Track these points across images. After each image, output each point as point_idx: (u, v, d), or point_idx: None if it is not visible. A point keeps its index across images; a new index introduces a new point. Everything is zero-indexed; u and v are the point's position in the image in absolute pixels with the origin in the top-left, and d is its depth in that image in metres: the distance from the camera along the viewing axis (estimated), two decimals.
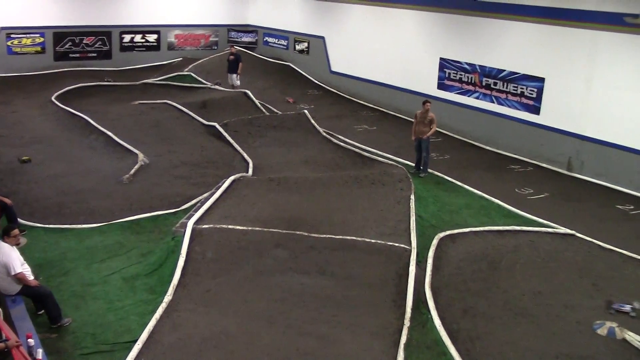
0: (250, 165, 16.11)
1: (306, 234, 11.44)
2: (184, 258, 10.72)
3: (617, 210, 15.02)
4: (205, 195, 13.43)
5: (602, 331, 9.72)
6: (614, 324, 9.77)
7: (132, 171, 15.24)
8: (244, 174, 15.19)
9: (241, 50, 27.42)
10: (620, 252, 12.48)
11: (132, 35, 28.47)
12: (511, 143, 19.08)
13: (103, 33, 27.74)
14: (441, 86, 21.41)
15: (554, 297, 10.72)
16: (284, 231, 11.51)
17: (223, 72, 24.34)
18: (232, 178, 14.14)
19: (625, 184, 16.30)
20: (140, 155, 16.08)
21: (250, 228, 11.56)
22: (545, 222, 13.56)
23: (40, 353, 7.56)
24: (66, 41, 27.02)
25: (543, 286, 11.03)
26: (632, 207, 15.22)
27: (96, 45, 27.74)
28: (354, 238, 11.37)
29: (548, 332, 9.69)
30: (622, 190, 16.18)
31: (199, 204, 12.82)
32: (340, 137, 19.15)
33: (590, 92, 17.02)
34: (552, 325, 9.86)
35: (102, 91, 23.19)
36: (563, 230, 13.16)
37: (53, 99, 21.48)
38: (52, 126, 19.28)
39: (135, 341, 8.66)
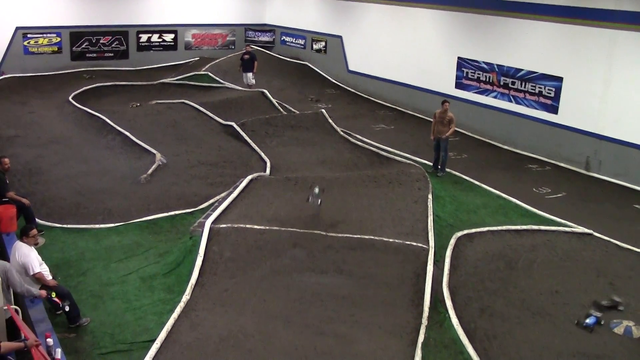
0: (268, 164, 16.16)
1: (324, 233, 11.48)
2: (202, 257, 10.78)
3: (635, 210, 14.90)
4: (223, 194, 13.51)
5: (619, 330, 9.71)
6: (631, 323, 9.76)
7: (150, 171, 15.34)
8: (262, 173, 15.24)
9: (258, 49, 27.55)
10: (638, 252, 12.40)
11: (149, 35, 28.65)
12: (529, 142, 18.99)
13: (120, 33, 27.93)
14: (459, 85, 21.35)
15: (571, 296, 10.68)
16: (301, 230, 11.54)
17: (238, 72, 24.42)
18: (249, 177, 14.20)
19: None
20: (158, 155, 16.19)
21: (267, 227, 11.61)
22: (562, 221, 13.50)
23: (59, 353, 7.63)
24: (83, 41, 27.22)
25: (560, 285, 10.99)
26: None
27: (113, 45, 27.93)
28: (372, 237, 11.39)
29: (565, 331, 9.65)
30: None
31: (216, 204, 12.90)
32: (357, 136, 19.16)
33: (609, 91, 16.89)
34: (569, 325, 9.82)
35: (119, 91, 23.39)
36: (580, 229, 13.09)
37: (70, 99, 21.63)
38: (69, 126, 19.44)
39: (153, 340, 8.73)
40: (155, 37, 28.79)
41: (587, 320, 9.41)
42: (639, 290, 10.99)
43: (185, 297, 9.85)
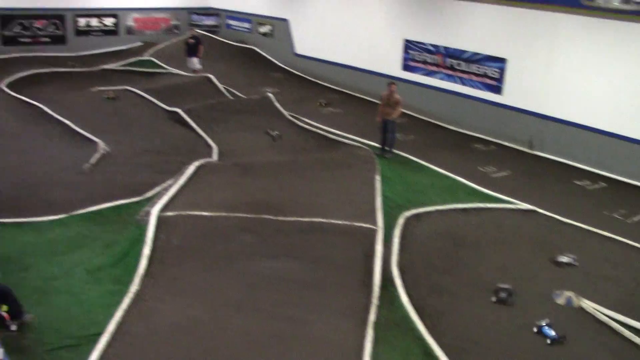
0: (215, 150, 16.00)
1: (273, 217, 11.43)
2: (150, 247, 10.60)
3: (575, 186, 15.37)
4: (169, 182, 13.30)
5: (561, 301, 10.03)
6: (571, 293, 10.09)
7: (93, 160, 14.96)
8: (209, 159, 15.09)
9: (203, 33, 27.12)
10: (579, 226, 12.82)
11: (88, 19, 27.73)
12: (475, 123, 19.26)
13: (56, 16, 26.89)
14: (406, 67, 21.48)
15: (517, 271, 10.94)
16: (251, 216, 11.47)
17: (182, 57, 24.04)
18: (196, 164, 14.03)
19: (583, 161, 16.67)
20: (101, 144, 15.82)
21: (216, 214, 11.50)
22: (507, 199, 13.79)
23: (1, 352, 7.38)
24: (15, 24, 26.09)
25: (506, 261, 11.27)
26: (589, 182, 15.62)
27: (49, 30, 26.96)
28: (321, 220, 11.39)
29: (517, 307, 9.87)
30: (580, 167, 16.58)
31: (163, 192, 12.70)
32: (305, 120, 19.12)
33: (551, 72, 17.25)
34: (515, 298, 10.05)
35: (57, 78, 22.50)
36: (525, 206, 13.40)
37: (3, 86, 20.78)
38: (4, 115, 18.51)
39: (102, 333, 8.51)
40: (94, 22, 27.90)
41: (550, 333, 9.07)
42: (577, 262, 11.32)
43: (134, 288, 9.68)
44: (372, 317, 9.12)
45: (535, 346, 8.94)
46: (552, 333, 8.99)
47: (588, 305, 9.89)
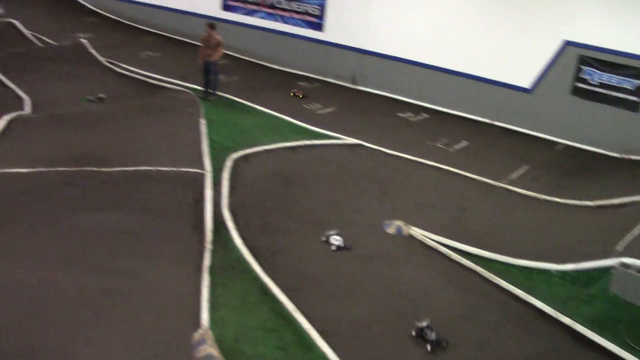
0: (28, 102, 14.92)
1: (96, 169, 10.95)
2: None
3: (398, 119, 16.05)
4: None
5: (391, 230, 10.50)
6: (401, 222, 10.57)
7: None
8: (21, 112, 14.06)
9: None
10: (404, 157, 13.43)
11: None
12: (298, 61, 19.42)
13: None
14: (226, 7, 21.09)
15: (346, 204, 11.31)
16: (73, 169, 10.91)
17: None
18: (7, 118, 13.03)
19: (404, 94, 17.41)
20: None
21: (34, 170, 10.80)
22: (334, 134, 14.12)
23: None
24: None
25: (336, 195, 11.59)
26: (411, 114, 16.36)
27: None
28: (147, 168, 11.11)
29: (343, 237, 10.19)
30: (402, 100, 17.31)
31: None
32: (123, 65, 18.30)
33: (371, 8, 17.66)
34: (346, 231, 10.38)
35: None
36: (351, 141, 13.81)
37: None
38: None
39: None
40: None
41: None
42: (406, 192, 11.93)
43: None
44: (206, 261, 9.07)
45: (368, 277, 9.30)
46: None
47: (417, 232, 10.42)
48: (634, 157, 14.37)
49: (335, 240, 9.83)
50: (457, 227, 10.92)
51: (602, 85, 15.01)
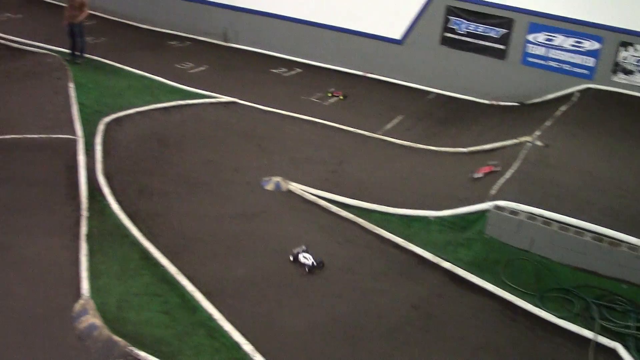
0: None
1: None
2: None
3: (272, 75, 16.04)
4: None
5: (270, 187, 10.58)
6: (279, 178, 10.67)
7: None
8: None
9: None
10: (278, 113, 13.47)
11: None
12: (168, 20, 18.89)
13: None
14: None
15: (224, 163, 11.28)
16: None
17: None
18: None
19: (277, 50, 17.38)
20: None
21: None
22: (208, 93, 13.91)
23: None
24: None
25: (213, 155, 11.52)
26: (285, 69, 16.39)
27: None
28: (14, 136, 10.66)
29: (222, 196, 10.23)
30: (275, 56, 17.28)
31: None
32: None
33: None
34: (225, 190, 10.43)
35: None
36: (226, 98, 13.69)
37: None
38: None
39: None
40: None
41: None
42: (283, 148, 12.02)
43: None
44: (83, 229, 8.82)
45: (250, 235, 9.34)
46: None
47: (295, 187, 10.55)
48: (502, 103, 15.06)
49: (305, 258, 8.57)
50: (336, 180, 11.10)
51: (469, 35, 15.52)
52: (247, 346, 6.99)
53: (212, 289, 7.94)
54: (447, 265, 8.77)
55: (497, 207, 9.15)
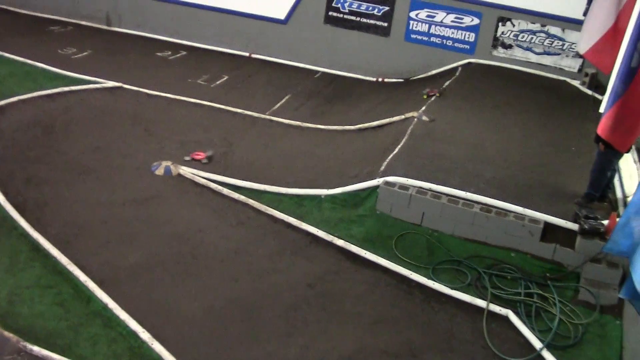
0: None
1: None
2: None
3: (157, 58, 15.96)
4: None
5: (160, 171, 10.64)
6: (169, 163, 10.76)
7: None
8: None
9: None
10: (165, 96, 13.48)
11: None
12: (47, 4, 18.30)
13: None
14: None
15: (112, 149, 11.22)
16: None
17: None
18: None
19: (161, 32, 17.28)
20: None
21: None
22: (92, 79, 13.67)
23: None
24: None
25: (100, 141, 11.42)
26: (169, 52, 16.35)
27: None
28: None
29: (112, 183, 10.21)
30: (160, 39, 17.18)
31: None
32: None
33: None
34: (114, 176, 10.42)
35: None
36: (111, 84, 13.52)
37: None
38: None
39: None
40: None
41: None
42: (171, 132, 12.09)
43: None
44: None
45: (142, 221, 9.37)
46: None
47: (185, 171, 10.65)
48: (388, 80, 15.61)
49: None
50: (226, 162, 11.26)
51: (352, 13, 15.95)
52: (144, 334, 7.07)
53: (106, 278, 7.96)
54: (340, 242, 9.01)
55: (387, 183, 9.44)
